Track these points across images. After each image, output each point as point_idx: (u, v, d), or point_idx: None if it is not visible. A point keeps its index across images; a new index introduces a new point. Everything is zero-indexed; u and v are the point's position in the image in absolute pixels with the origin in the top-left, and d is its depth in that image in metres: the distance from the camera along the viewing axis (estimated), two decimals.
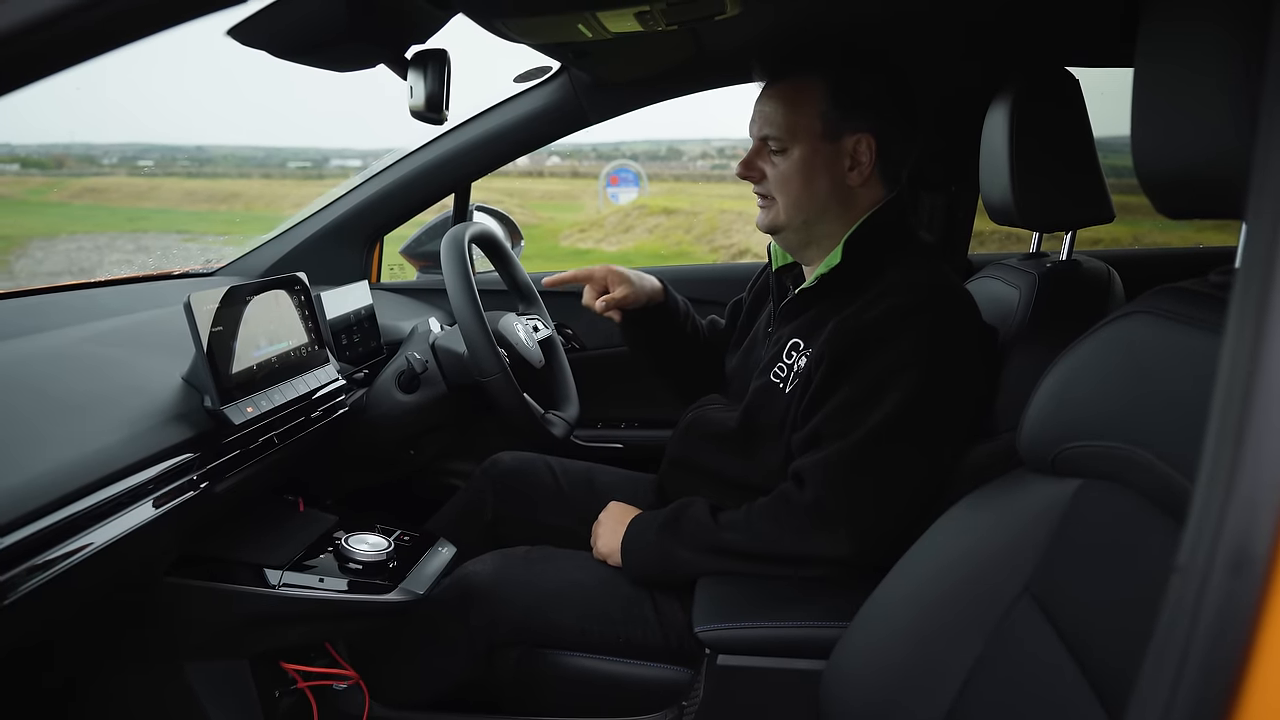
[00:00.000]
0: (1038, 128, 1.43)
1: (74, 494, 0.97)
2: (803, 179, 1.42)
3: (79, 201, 19.32)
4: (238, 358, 1.26)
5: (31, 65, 0.60)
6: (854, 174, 1.42)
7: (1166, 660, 0.45)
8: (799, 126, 1.41)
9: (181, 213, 19.21)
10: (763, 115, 1.44)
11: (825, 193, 1.42)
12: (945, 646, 0.95)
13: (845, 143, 1.41)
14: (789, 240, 1.50)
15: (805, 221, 1.44)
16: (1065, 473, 0.91)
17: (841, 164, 1.41)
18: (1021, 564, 0.91)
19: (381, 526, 1.44)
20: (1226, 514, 0.44)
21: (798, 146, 1.41)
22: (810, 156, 1.41)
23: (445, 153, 2.04)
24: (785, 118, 1.41)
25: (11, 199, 19.37)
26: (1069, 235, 1.50)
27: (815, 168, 1.41)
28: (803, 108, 1.40)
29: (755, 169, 1.46)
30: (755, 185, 1.47)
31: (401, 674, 1.50)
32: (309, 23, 1.08)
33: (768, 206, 1.47)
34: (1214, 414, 0.46)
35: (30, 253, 13.09)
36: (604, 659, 1.43)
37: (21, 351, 1.23)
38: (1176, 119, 0.75)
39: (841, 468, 1.29)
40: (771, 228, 1.47)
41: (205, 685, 1.30)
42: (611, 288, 1.69)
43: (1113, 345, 0.87)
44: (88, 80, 0.62)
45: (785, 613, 1.26)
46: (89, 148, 26.58)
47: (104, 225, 16.24)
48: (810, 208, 1.43)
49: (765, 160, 1.45)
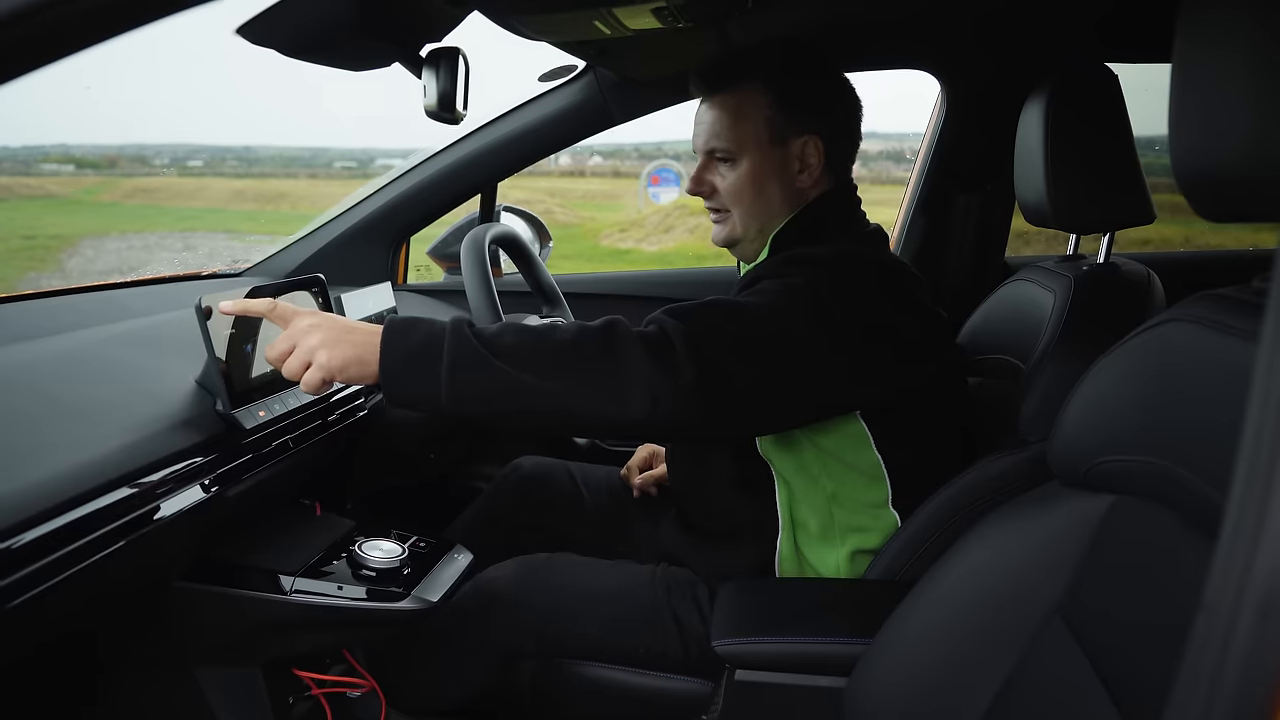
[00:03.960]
0: (1074, 126, 1.38)
1: (82, 497, 0.96)
2: (754, 188, 1.39)
3: (130, 201, 19.72)
4: (251, 361, 1.25)
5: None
6: (804, 176, 1.39)
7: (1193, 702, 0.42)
8: (745, 135, 1.37)
9: (230, 212, 19.54)
10: (706, 128, 1.40)
11: (778, 198, 1.39)
12: (971, 666, 0.92)
13: (793, 146, 1.37)
14: (745, 250, 1.45)
15: (760, 230, 1.41)
16: (1099, 487, 0.88)
17: (791, 168, 1.38)
18: (1051, 583, 0.88)
19: (398, 532, 1.43)
20: (1256, 554, 0.40)
21: (746, 156, 1.38)
22: (760, 164, 1.38)
23: (470, 153, 2.04)
24: (730, 128, 1.38)
25: (66, 198, 19.84)
26: (1107, 237, 1.44)
27: (766, 175, 1.38)
28: (747, 116, 1.37)
29: (705, 184, 1.42)
30: (707, 200, 1.43)
31: (419, 681, 1.49)
32: (318, 21, 1.06)
33: (722, 220, 1.43)
34: (1244, 444, 0.42)
35: (82, 251, 13.38)
36: (622, 670, 1.41)
37: (35, 354, 1.23)
38: (1215, 121, 0.71)
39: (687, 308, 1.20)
40: (729, 240, 1.43)
41: (217, 692, 1.29)
42: (655, 463, 1.75)
43: (1148, 354, 0.83)
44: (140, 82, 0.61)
45: (806, 628, 1.23)
46: (141, 148, 27.18)
47: (154, 224, 16.57)
48: (764, 215, 1.40)
49: (714, 173, 1.41)
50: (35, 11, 0.52)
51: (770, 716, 1.22)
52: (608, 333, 1.14)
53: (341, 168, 25.45)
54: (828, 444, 1.33)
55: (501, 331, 1.14)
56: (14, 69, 0.57)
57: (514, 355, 1.10)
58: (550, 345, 1.12)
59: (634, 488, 1.74)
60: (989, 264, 2.08)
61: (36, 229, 14.99)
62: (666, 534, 1.55)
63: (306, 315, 1.15)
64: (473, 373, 1.09)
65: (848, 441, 1.33)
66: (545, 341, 1.12)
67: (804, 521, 1.38)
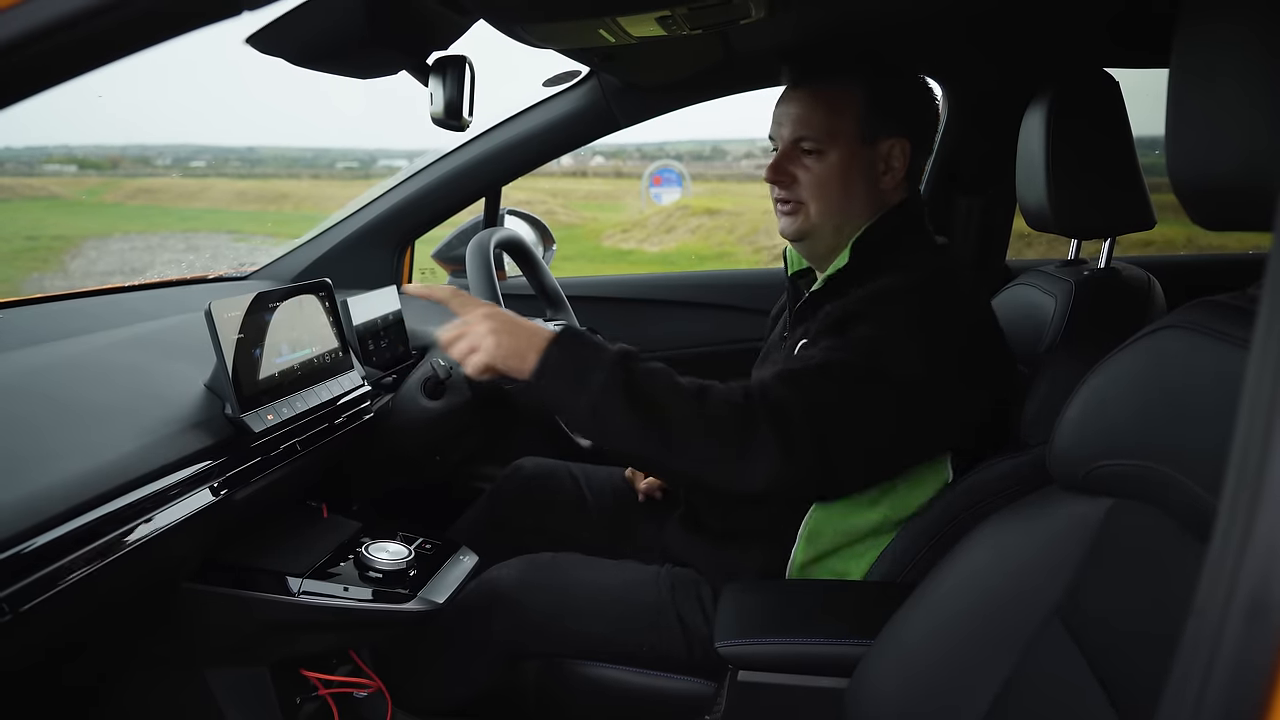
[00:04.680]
0: (1075, 131, 1.39)
1: (92, 501, 0.98)
2: (841, 183, 1.38)
3: (133, 202, 19.74)
4: (260, 364, 1.26)
5: (37, 74, 0.60)
6: (887, 178, 1.39)
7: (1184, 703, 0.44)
8: (838, 130, 1.37)
9: (233, 213, 19.55)
10: (795, 118, 1.39)
11: (860, 197, 1.39)
12: (971, 668, 0.93)
13: (881, 147, 1.38)
14: (815, 246, 1.45)
15: (836, 226, 1.40)
16: (1097, 491, 0.89)
17: (877, 168, 1.39)
18: (1050, 585, 0.89)
19: (404, 534, 1.44)
20: (1244, 558, 0.41)
21: (835, 150, 1.37)
22: (848, 160, 1.37)
23: (475, 157, 2.05)
24: (823, 121, 1.37)
25: (69, 200, 19.86)
26: (1108, 242, 1.45)
27: (852, 172, 1.38)
28: (841, 111, 1.37)
29: (786, 173, 1.41)
30: (781, 190, 1.42)
31: (424, 681, 1.50)
32: (327, 30, 1.07)
33: (795, 211, 1.41)
34: (1234, 450, 0.43)
35: (85, 252, 13.40)
36: (626, 670, 1.42)
37: (43, 359, 1.24)
38: (1211, 128, 0.73)
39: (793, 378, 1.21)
40: (800, 233, 1.43)
41: (225, 691, 1.30)
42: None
43: (1146, 360, 0.84)
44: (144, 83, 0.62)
45: (808, 629, 1.24)
46: (143, 149, 27.19)
47: (157, 225, 16.58)
48: (843, 212, 1.39)
49: (796, 164, 1.40)
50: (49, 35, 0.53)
51: (772, 717, 1.23)
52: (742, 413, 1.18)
53: (344, 168, 25.47)
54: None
55: (652, 380, 1.19)
56: (25, 89, 0.59)
57: (653, 414, 1.16)
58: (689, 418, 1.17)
59: (639, 491, 1.75)
60: (990, 268, 2.09)
61: (39, 230, 15.02)
62: (672, 533, 1.55)
63: (485, 305, 1.24)
64: (611, 413, 1.16)
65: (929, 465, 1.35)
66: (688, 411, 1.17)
67: (835, 535, 1.37)
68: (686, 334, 2.27)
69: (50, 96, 0.62)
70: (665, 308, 2.29)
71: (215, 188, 23.19)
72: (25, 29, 0.52)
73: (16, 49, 0.52)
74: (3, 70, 0.54)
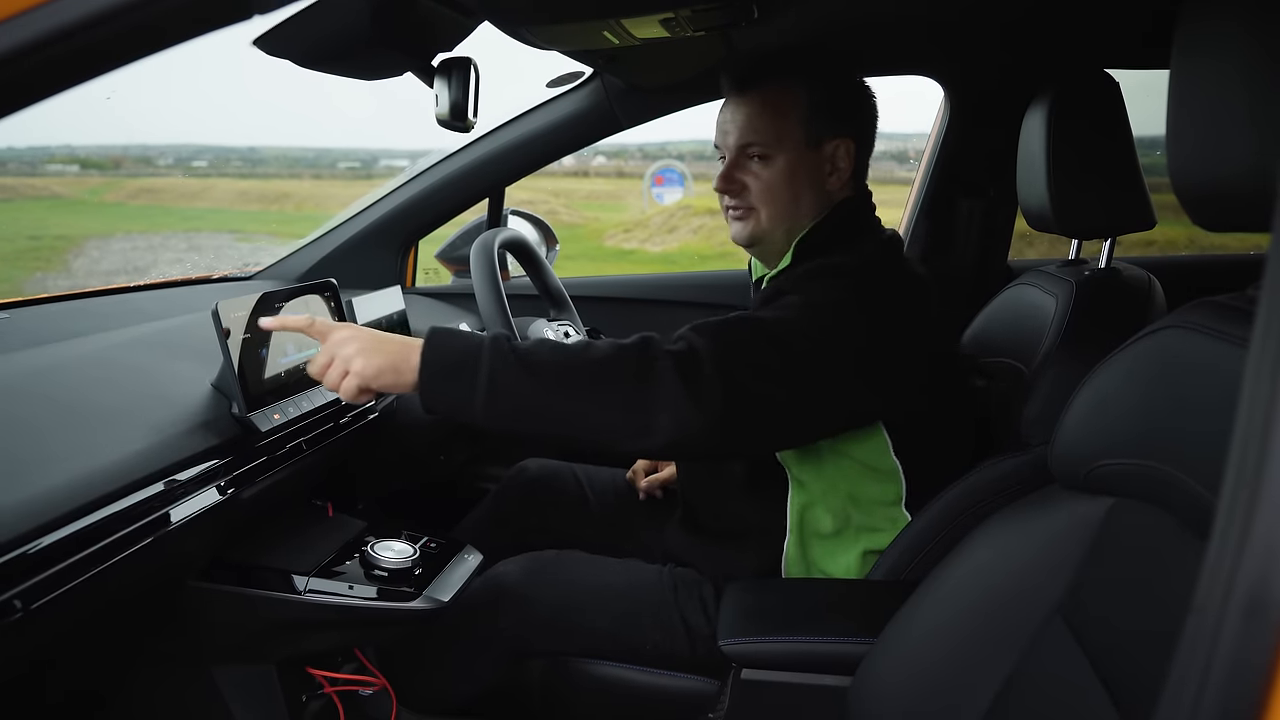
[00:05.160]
0: (1076, 132, 1.40)
1: (99, 500, 0.98)
2: (789, 187, 1.38)
3: (135, 202, 19.77)
4: (266, 364, 1.27)
5: (51, 78, 0.61)
6: (833, 179, 1.39)
7: (1183, 701, 0.44)
8: (784, 133, 1.37)
9: (234, 212, 19.57)
10: (741, 124, 1.39)
11: (808, 200, 1.39)
12: (973, 666, 0.94)
13: (825, 148, 1.38)
14: (767, 250, 1.44)
15: (786, 230, 1.40)
16: (1098, 490, 0.89)
17: (823, 169, 1.39)
18: (1052, 584, 0.90)
19: (409, 533, 1.45)
20: (1242, 556, 0.42)
21: (782, 154, 1.37)
22: (795, 163, 1.37)
23: (479, 158, 2.06)
24: (769, 125, 1.37)
25: (71, 199, 19.88)
26: (1109, 242, 1.46)
27: (800, 175, 1.38)
28: (785, 115, 1.37)
29: (736, 181, 1.40)
30: (731, 198, 1.42)
31: (429, 678, 1.50)
32: (333, 32, 1.08)
33: (745, 218, 1.41)
34: (1233, 449, 0.44)
35: (87, 252, 13.42)
36: (630, 668, 1.43)
37: (55, 358, 1.25)
38: (1212, 131, 0.73)
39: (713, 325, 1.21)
40: (751, 239, 1.42)
41: (232, 689, 1.31)
42: (661, 466, 1.75)
43: (1147, 360, 0.84)
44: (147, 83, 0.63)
45: (811, 628, 1.25)
46: (145, 148, 27.18)
47: (159, 225, 16.60)
48: (793, 216, 1.39)
49: (745, 171, 1.40)
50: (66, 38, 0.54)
51: (775, 715, 1.24)
52: (640, 354, 1.16)
53: (346, 168, 25.45)
54: (848, 449, 1.35)
55: (537, 348, 1.16)
56: (38, 93, 0.59)
57: (548, 373, 1.14)
58: (584, 365, 1.15)
59: (640, 490, 1.76)
60: (992, 268, 2.10)
61: (42, 229, 15.03)
62: (672, 535, 1.56)
63: (344, 328, 1.18)
64: (508, 388, 1.13)
65: (868, 446, 1.35)
66: (579, 360, 1.15)
67: (817, 524, 1.39)
68: None
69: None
70: (669, 308, 2.29)
71: (217, 187, 23.20)
72: (43, 32, 0.53)
73: (35, 51, 0.53)
74: (21, 72, 0.54)
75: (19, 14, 0.52)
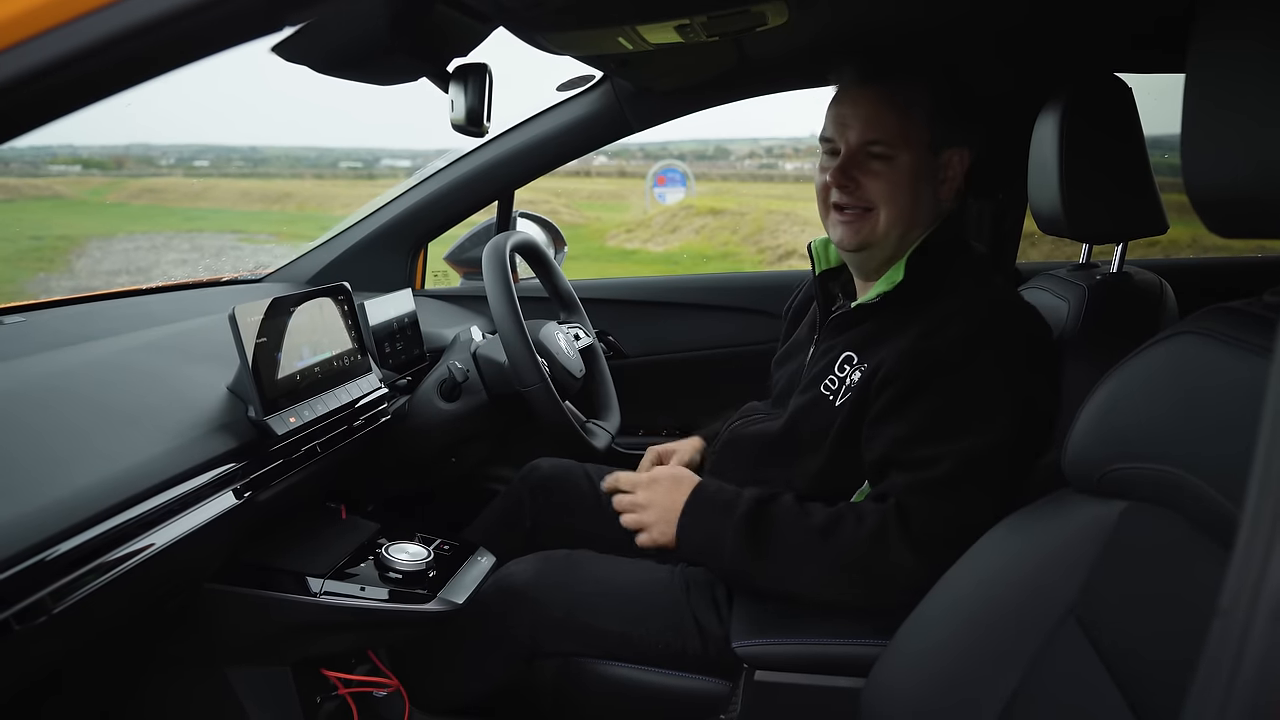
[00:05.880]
0: (1088, 137, 1.40)
1: (121, 504, 0.99)
2: (912, 190, 1.33)
3: (137, 202, 19.79)
4: (281, 367, 1.28)
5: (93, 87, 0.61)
6: (945, 188, 1.37)
7: (1208, 706, 0.44)
8: (910, 133, 1.32)
9: (236, 213, 19.59)
10: (866, 119, 1.33)
11: (925, 207, 1.36)
12: (987, 669, 0.94)
13: (944, 156, 1.36)
14: (874, 257, 1.39)
15: (900, 237, 1.36)
16: (1111, 494, 0.89)
17: (938, 177, 1.36)
18: (1065, 586, 0.90)
19: (422, 535, 1.45)
20: (1270, 560, 0.42)
21: (907, 154, 1.33)
22: (918, 166, 1.33)
23: (488, 161, 2.06)
24: (896, 123, 1.32)
25: (73, 199, 19.91)
26: (1120, 246, 1.46)
27: (921, 179, 1.34)
28: (913, 114, 1.33)
29: (852, 178, 1.34)
30: (845, 195, 1.35)
31: (442, 680, 1.51)
32: (351, 39, 1.09)
33: (860, 221, 1.35)
34: (1259, 453, 0.44)
35: (89, 252, 13.43)
36: (641, 669, 1.42)
37: (72, 361, 1.25)
38: (1228, 138, 0.74)
39: (935, 491, 1.23)
40: (865, 242, 1.36)
41: (247, 690, 1.32)
42: (666, 461, 1.71)
43: (1161, 365, 0.85)
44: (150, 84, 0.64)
45: (824, 629, 1.25)
46: (147, 149, 27.20)
47: (161, 225, 16.62)
48: (910, 221, 1.35)
49: (862, 169, 1.34)
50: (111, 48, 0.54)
51: (789, 716, 1.24)
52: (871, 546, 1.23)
53: (347, 168, 25.48)
54: None
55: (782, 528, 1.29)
56: (81, 101, 0.60)
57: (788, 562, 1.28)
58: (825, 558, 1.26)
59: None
60: (1001, 271, 2.10)
61: (44, 230, 15.04)
62: None
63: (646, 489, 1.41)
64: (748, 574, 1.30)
65: None
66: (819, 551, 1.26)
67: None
68: (701, 336, 2.28)
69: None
70: (678, 310, 2.29)
71: (219, 187, 23.24)
72: (90, 41, 0.53)
73: (83, 60, 0.53)
74: (64, 82, 0.55)
75: (67, 22, 0.53)
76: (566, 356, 1.76)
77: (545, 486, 1.77)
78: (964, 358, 1.24)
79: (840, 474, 1.37)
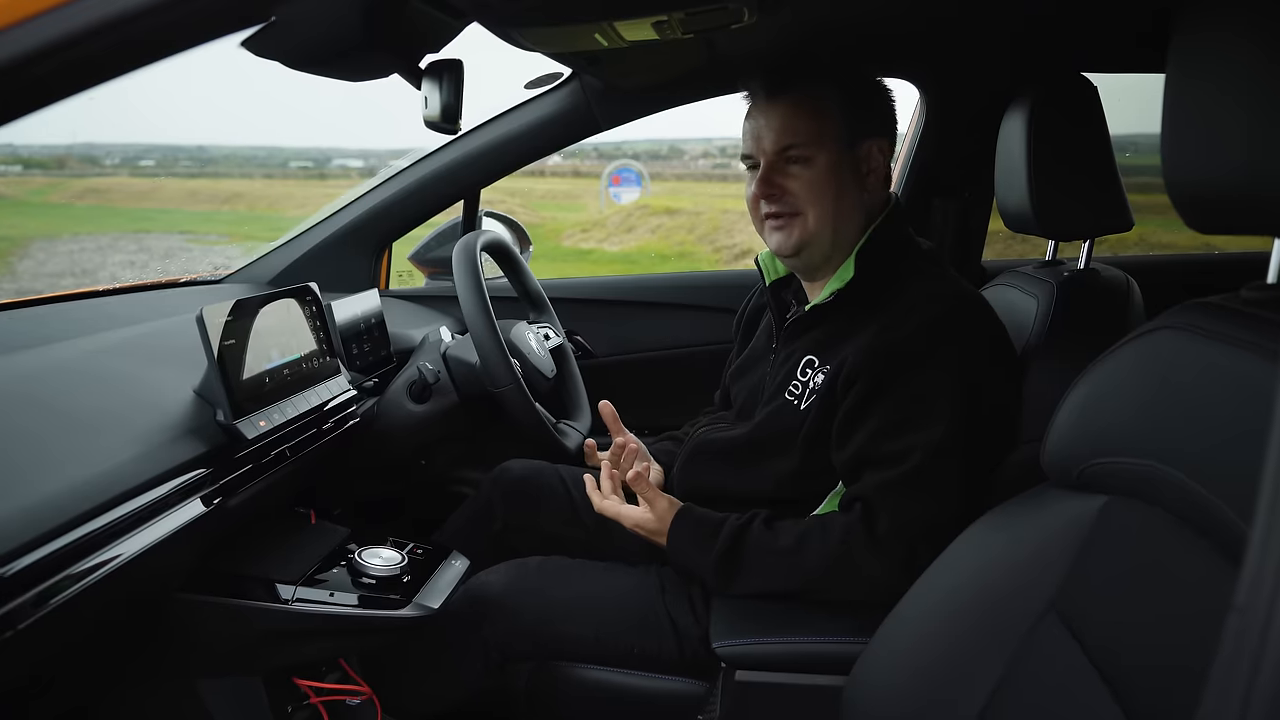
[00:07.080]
0: (1056, 135, 1.42)
1: (88, 513, 0.96)
2: (833, 187, 1.36)
3: (81, 202, 19.34)
4: (249, 370, 1.25)
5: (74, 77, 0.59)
6: (869, 180, 1.39)
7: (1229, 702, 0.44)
8: (824, 133, 1.36)
9: (185, 213, 19.22)
10: (779, 128, 1.37)
11: (851, 201, 1.38)
12: (968, 663, 0.94)
13: (861, 149, 1.38)
14: (812, 257, 1.41)
15: (833, 232, 1.38)
16: (1091, 488, 0.90)
17: (860, 171, 1.39)
18: (1046, 580, 0.90)
19: (395, 540, 1.43)
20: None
21: (823, 154, 1.36)
22: (836, 163, 1.36)
23: (455, 159, 2.03)
24: (808, 126, 1.36)
25: (14, 200, 19.41)
26: (1087, 243, 1.48)
27: (842, 174, 1.37)
28: (824, 116, 1.36)
29: (776, 185, 1.38)
30: (772, 204, 1.39)
31: (415, 687, 1.49)
32: (323, 35, 1.06)
33: (790, 225, 1.38)
34: (1273, 445, 0.44)
35: (32, 254, 13.10)
36: (617, 671, 1.42)
37: (31, 365, 1.21)
38: (1208, 136, 0.75)
39: (903, 489, 1.24)
40: (799, 245, 1.39)
41: (218, 701, 1.29)
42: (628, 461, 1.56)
43: (1141, 360, 0.86)
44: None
45: (805, 628, 1.25)
46: (90, 148, 26.50)
47: (107, 226, 16.25)
48: (838, 218, 1.37)
49: (784, 175, 1.38)
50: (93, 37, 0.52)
51: (770, 716, 1.24)
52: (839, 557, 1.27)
53: (298, 168, 25.10)
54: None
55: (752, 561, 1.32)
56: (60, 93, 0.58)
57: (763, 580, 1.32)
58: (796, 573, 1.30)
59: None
60: (967, 269, 2.12)
61: None
62: None
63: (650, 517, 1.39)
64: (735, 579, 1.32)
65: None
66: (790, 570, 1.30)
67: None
68: (669, 335, 2.27)
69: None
70: (645, 309, 2.29)
71: (166, 187, 22.79)
72: (71, 31, 0.51)
73: (62, 49, 0.51)
74: (45, 71, 0.53)
75: (47, 11, 0.51)
76: (538, 357, 1.75)
77: (516, 488, 1.75)
78: (927, 348, 1.26)
79: (812, 475, 1.38)
